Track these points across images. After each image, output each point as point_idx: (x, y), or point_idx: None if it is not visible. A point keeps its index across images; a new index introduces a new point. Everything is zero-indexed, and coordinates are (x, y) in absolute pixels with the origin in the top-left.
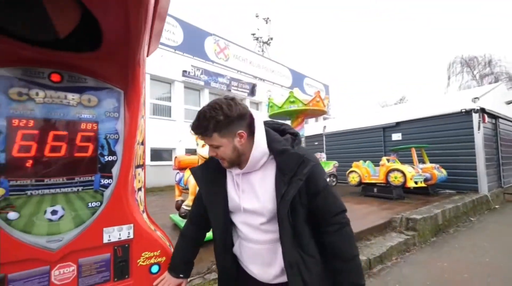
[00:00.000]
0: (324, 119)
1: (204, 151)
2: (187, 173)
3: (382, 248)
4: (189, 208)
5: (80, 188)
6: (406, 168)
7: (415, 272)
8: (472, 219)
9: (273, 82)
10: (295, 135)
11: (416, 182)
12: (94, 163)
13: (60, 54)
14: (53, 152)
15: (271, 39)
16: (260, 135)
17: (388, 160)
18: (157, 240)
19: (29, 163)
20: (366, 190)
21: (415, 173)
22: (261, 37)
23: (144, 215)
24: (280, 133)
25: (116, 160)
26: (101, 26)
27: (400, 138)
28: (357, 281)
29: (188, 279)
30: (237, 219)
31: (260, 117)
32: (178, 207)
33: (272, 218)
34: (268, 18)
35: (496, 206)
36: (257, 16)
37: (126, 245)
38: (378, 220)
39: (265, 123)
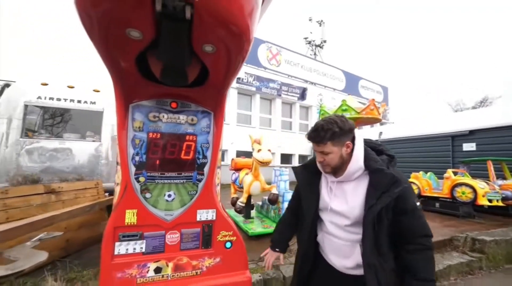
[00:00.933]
0: (381, 124)
1: (259, 156)
2: (242, 173)
3: (438, 266)
4: (243, 205)
5: (184, 181)
6: (477, 183)
7: None
8: None
9: (325, 86)
10: (392, 157)
11: (490, 200)
12: (193, 164)
13: (179, 90)
14: (170, 155)
15: (324, 41)
16: (359, 150)
17: (455, 173)
18: (230, 224)
19: (157, 162)
20: (426, 204)
21: (490, 189)
22: (313, 41)
23: (221, 204)
24: (377, 152)
25: (207, 162)
26: (210, 75)
27: (474, 148)
28: None
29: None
30: (325, 217)
31: (361, 135)
32: (234, 203)
33: (356, 223)
34: (321, 21)
35: None
36: (310, 20)
37: (210, 224)
38: (437, 237)
39: (365, 141)
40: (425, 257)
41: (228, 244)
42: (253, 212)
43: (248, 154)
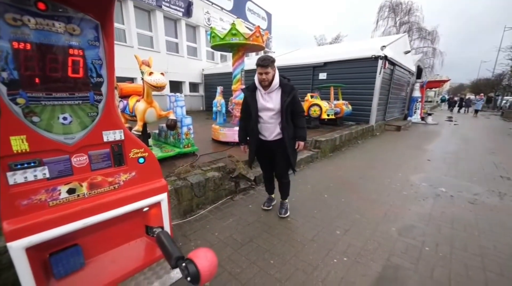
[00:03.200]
0: (264, 53)
1: (152, 79)
2: (132, 100)
3: None
4: (139, 133)
5: (80, 102)
6: (323, 104)
7: (312, 172)
8: (359, 141)
9: (212, 2)
10: (288, 79)
11: (328, 115)
12: (87, 83)
13: None
14: (53, 72)
15: None
16: (277, 73)
17: (311, 96)
18: (140, 142)
19: (37, 80)
20: None
21: (329, 107)
22: None
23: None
24: (282, 77)
25: (103, 81)
26: None
27: (325, 77)
28: (304, 135)
29: None
30: (262, 114)
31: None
32: None
33: (277, 112)
34: None
35: (377, 133)
36: None
37: (120, 144)
38: None
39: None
40: (301, 119)
41: (141, 160)
42: (150, 141)
43: (124, 80)
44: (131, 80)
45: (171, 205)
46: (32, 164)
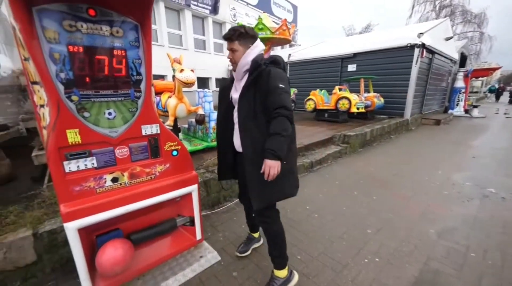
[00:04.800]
0: (290, 46)
1: (183, 76)
2: (165, 96)
3: (322, 155)
4: (171, 128)
5: (122, 98)
6: (352, 96)
7: (341, 168)
8: (392, 136)
9: None
10: (278, 63)
11: (358, 108)
12: (128, 81)
13: None
14: (100, 72)
15: None
16: (253, 50)
17: (340, 89)
18: (174, 136)
19: (87, 79)
20: (319, 115)
21: (359, 100)
22: None
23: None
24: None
25: (142, 79)
26: None
27: (354, 69)
28: (274, 147)
29: None
30: (234, 111)
31: (260, 46)
32: None
33: None
34: None
35: (413, 128)
36: None
37: (156, 137)
38: (323, 137)
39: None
40: (279, 120)
41: (175, 152)
42: (180, 135)
43: (156, 78)
44: (162, 77)
45: (200, 196)
46: (83, 154)
